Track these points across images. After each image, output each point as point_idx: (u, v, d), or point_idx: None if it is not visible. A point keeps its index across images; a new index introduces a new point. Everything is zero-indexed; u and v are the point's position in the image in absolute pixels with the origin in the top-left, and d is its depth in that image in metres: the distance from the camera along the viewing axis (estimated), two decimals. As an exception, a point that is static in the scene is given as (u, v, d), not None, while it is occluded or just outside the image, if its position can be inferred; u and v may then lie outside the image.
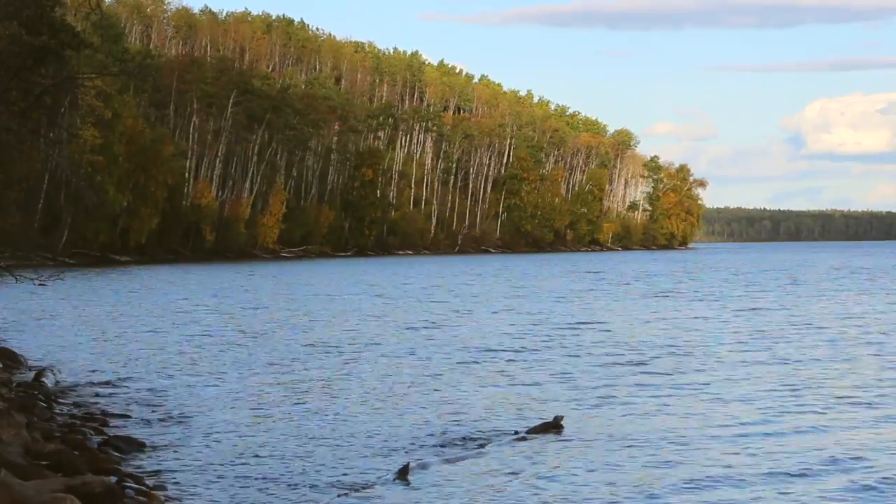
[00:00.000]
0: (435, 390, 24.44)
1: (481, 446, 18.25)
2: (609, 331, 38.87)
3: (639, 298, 58.27)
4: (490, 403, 22.62)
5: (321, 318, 44.71)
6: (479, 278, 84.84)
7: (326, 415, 21.24)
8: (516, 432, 19.23)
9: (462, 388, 24.74)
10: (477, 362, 29.53)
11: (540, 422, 19.93)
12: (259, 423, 20.33)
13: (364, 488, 15.42)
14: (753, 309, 49.80)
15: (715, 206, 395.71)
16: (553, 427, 19.50)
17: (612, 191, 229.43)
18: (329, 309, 49.59)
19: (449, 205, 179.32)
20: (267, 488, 15.50)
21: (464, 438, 18.85)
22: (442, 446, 18.27)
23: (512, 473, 16.33)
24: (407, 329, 39.60)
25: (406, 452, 17.70)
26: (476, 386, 25.17)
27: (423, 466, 16.71)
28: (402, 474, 16.06)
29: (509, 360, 29.87)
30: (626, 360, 29.86)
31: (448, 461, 17.17)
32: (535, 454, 17.61)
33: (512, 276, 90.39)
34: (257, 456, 17.48)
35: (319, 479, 16.02)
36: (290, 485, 15.69)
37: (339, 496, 14.92)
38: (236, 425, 20.12)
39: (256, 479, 16.02)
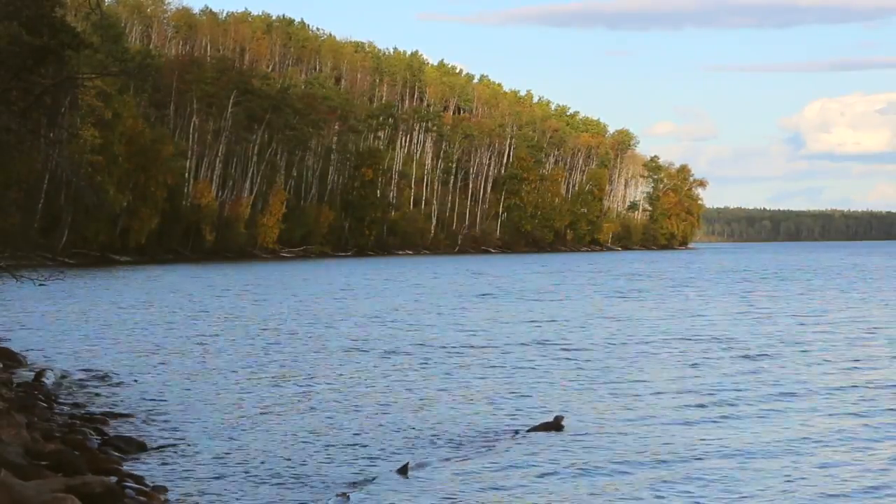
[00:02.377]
0: (436, 390, 24.45)
1: (481, 446, 18.26)
2: (610, 330, 38.88)
3: (645, 298, 58.33)
4: (491, 403, 22.63)
5: (322, 318, 44.70)
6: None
7: (327, 414, 21.25)
8: (517, 432, 19.24)
9: (463, 388, 24.74)
10: (478, 362, 29.54)
11: (540, 421, 19.94)
12: (259, 423, 20.34)
13: (364, 487, 15.43)
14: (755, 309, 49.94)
15: (715, 206, 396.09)
16: (554, 427, 19.50)
17: (612, 191, 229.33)
18: (330, 309, 49.58)
19: (449, 205, 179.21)
20: (267, 487, 15.51)
21: (464, 438, 18.85)
22: (442, 445, 18.27)
23: (511, 473, 16.33)
24: (405, 329, 39.59)
25: (406, 451, 17.71)
26: (477, 385, 25.18)
27: (423, 465, 16.73)
28: (402, 473, 16.08)
29: (510, 360, 29.89)
30: (626, 360, 29.88)
31: (448, 460, 17.18)
32: (536, 454, 17.61)
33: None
34: (257, 455, 17.49)
35: (319, 477, 16.04)
36: (289, 484, 15.70)
37: (338, 495, 14.93)
38: (237, 425, 20.13)
39: (256, 478, 16.03)
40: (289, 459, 17.22)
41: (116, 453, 17.27)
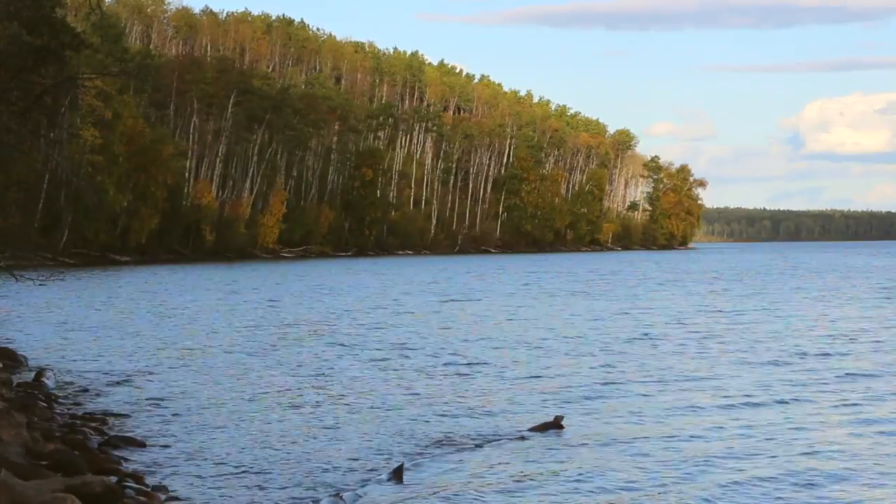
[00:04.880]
0: (432, 390, 24.43)
1: (480, 446, 18.23)
2: (607, 329, 38.87)
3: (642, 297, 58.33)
4: (489, 402, 22.62)
5: (321, 318, 44.71)
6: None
7: (325, 415, 21.25)
8: (517, 432, 19.21)
9: (462, 388, 24.73)
10: (477, 361, 29.53)
11: (540, 421, 19.93)
12: (258, 423, 20.35)
13: (358, 488, 15.39)
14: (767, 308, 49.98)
15: (715, 206, 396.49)
16: (554, 426, 19.48)
17: (612, 191, 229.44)
18: (328, 310, 49.58)
19: (449, 205, 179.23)
20: (264, 488, 15.52)
21: (462, 438, 18.82)
22: (439, 446, 18.24)
23: (510, 473, 16.29)
24: (404, 329, 39.59)
25: (404, 452, 17.69)
26: (476, 385, 25.17)
27: (419, 466, 16.67)
28: (397, 474, 16.01)
29: (509, 359, 29.88)
30: (625, 358, 29.88)
31: (444, 461, 17.14)
32: (535, 453, 17.60)
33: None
34: (255, 456, 17.51)
35: (315, 478, 16.04)
36: (286, 484, 15.70)
37: (332, 495, 14.91)
38: (235, 425, 20.14)
39: (254, 478, 16.05)
40: (286, 460, 17.23)
41: (116, 453, 17.28)
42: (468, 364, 29.09)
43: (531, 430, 19.36)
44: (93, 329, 38.82)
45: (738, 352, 31.99)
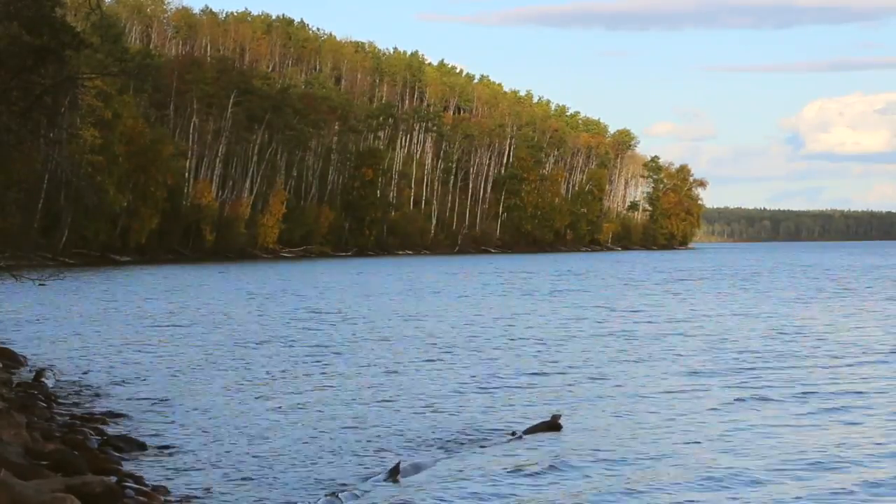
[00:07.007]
0: (431, 389, 24.45)
1: (476, 446, 18.23)
2: (604, 328, 38.88)
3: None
4: (488, 402, 22.64)
5: (319, 319, 44.73)
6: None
7: (322, 415, 21.27)
8: (514, 432, 19.21)
9: (459, 387, 24.75)
10: (475, 361, 29.54)
11: (538, 420, 19.93)
12: (256, 424, 20.39)
13: (354, 488, 15.41)
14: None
15: (715, 206, 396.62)
16: (551, 426, 19.48)
17: (612, 191, 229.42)
18: (327, 310, 49.61)
19: (449, 205, 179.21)
20: (262, 487, 15.57)
21: (459, 438, 18.84)
22: (436, 446, 18.25)
23: (507, 473, 16.29)
24: (402, 328, 39.61)
25: (401, 452, 17.71)
26: (474, 385, 25.18)
27: (415, 466, 16.65)
28: (393, 474, 16.01)
29: (508, 359, 29.89)
30: (623, 358, 29.90)
31: (441, 461, 17.14)
32: (532, 453, 17.60)
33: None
34: (254, 456, 17.55)
35: (311, 478, 16.08)
36: (283, 484, 15.75)
37: (328, 495, 14.93)
38: (234, 426, 20.18)
39: (253, 478, 16.10)
40: (283, 459, 17.27)
41: (116, 453, 17.31)
42: (465, 364, 29.10)
43: (528, 429, 19.35)
44: (92, 329, 38.85)
45: (738, 351, 32.02)
